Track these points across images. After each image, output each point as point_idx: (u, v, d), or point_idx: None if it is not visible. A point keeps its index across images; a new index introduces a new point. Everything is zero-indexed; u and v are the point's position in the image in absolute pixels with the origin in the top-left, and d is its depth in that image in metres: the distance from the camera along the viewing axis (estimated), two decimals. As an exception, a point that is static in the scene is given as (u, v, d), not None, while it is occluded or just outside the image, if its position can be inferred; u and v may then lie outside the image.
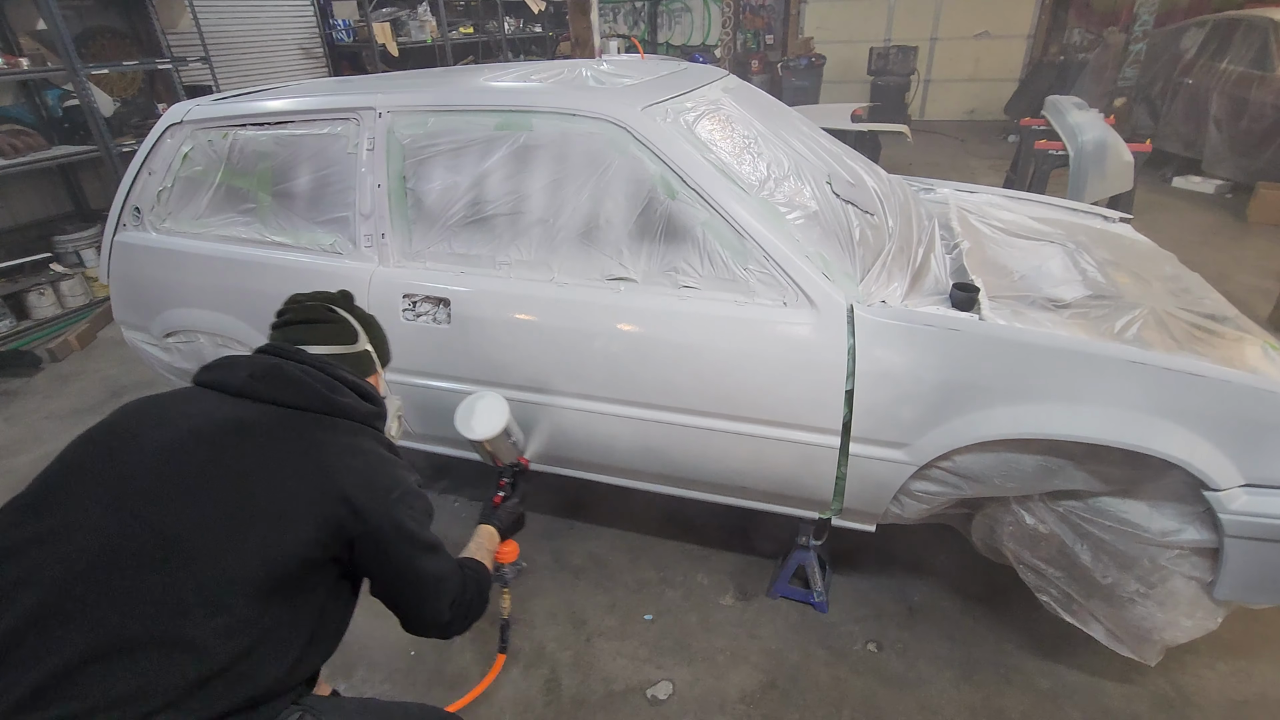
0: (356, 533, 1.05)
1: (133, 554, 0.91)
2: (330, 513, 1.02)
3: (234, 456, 1.01)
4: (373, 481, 1.08)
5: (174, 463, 0.99)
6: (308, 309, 1.28)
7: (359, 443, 1.12)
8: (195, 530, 0.95)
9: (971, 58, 10.03)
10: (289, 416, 1.08)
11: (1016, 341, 1.58)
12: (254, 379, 1.10)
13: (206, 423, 1.04)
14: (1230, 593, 1.60)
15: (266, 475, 1.01)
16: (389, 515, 1.08)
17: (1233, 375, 1.49)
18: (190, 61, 5.16)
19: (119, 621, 0.87)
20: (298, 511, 1.00)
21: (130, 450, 1.01)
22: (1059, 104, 4.96)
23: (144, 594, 0.89)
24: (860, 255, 1.83)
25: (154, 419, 1.06)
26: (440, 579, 1.17)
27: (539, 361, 1.92)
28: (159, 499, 0.96)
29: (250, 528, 0.97)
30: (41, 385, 3.72)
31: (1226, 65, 6.04)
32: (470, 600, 1.23)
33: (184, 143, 2.27)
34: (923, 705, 1.81)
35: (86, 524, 0.93)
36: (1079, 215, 2.65)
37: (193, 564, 0.92)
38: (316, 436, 1.08)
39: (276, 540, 0.98)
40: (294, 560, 0.98)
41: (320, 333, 1.25)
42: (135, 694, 0.85)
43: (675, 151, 1.78)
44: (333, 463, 1.06)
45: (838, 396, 1.68)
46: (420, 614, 1.17)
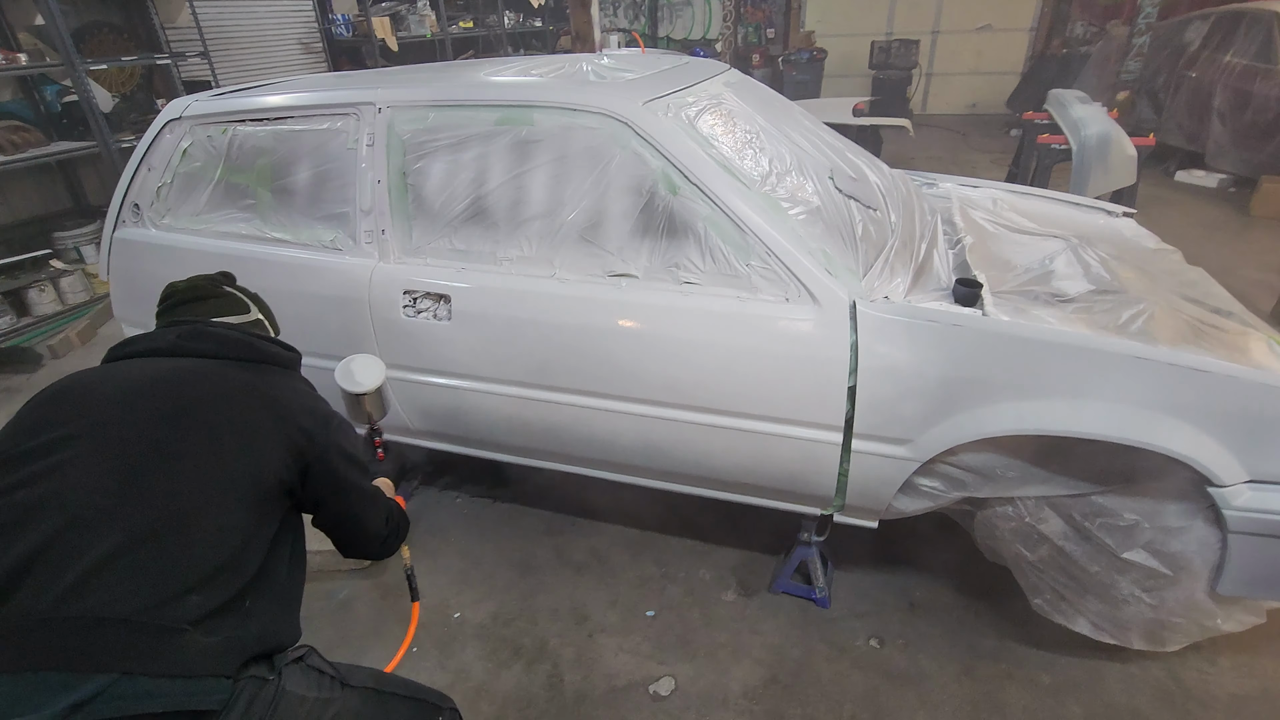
0: (311, 456, 1.16)
1: (138, 465, 0.99)
2: (290, 438, 1.13)
3: (194, 394, 1.10)
4: (314, 411, 1.21)
5: (143, 401, 1.07)
6: (195, 287, 1.32)
7: (292, 382, 1.26)
8: (185, 445, 1.03)
9: (973, 51, 9.98)
10: (226, 365, 1.18)
11: (1020, 337, 1.57)
12: (183, 339, 1.19)
13: (157, 372, 1.12)
14: (1234, 588, 1.60)
15: (228, 407, 1.10)
16: (333, 440, 1.20)
17: (1238, 370, 1.48)
18: (189, 57, 5.13)
19: (140, 518, 0.95)
20: (264, 435, 1.10)
21: (91, 401, 1.06)
22: (1062, 98, 4.93)
23: (156, 495, 0.97)
24: (863, 251, 1.82)
25: (102, 378, 1.12)
26: (376, 495, 1.32)
27: (540, 358, 1.92)
28: (139, 428, 1.03)
29: (232, 445, 1.06)
30: (42, 382, 3.71)
31: (1230, 58, 6.00)
32: (399, 521, 1.38)
33: (183, 138, 2.26)
34: (924, 700, 1.81)
35: (75, 457, 0.98)
36: (1082, 210, 2.64)
37: (193, 472, 1.01)
38: (255, 379, 1.18)
39: (255, 457, 1.08)
40: (272, 477, 1.08)
41: (213, 306, 1.31)
42: (164, 576, 0.92)
43: (677, 147, 1.77)
44: (281, 397, 1.17)
45: (840, 392, 1.68)
46: (362, 530, 1.29)
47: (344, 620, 2.14)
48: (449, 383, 2.07)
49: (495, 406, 2.04)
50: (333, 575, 2.28)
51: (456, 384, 2.06)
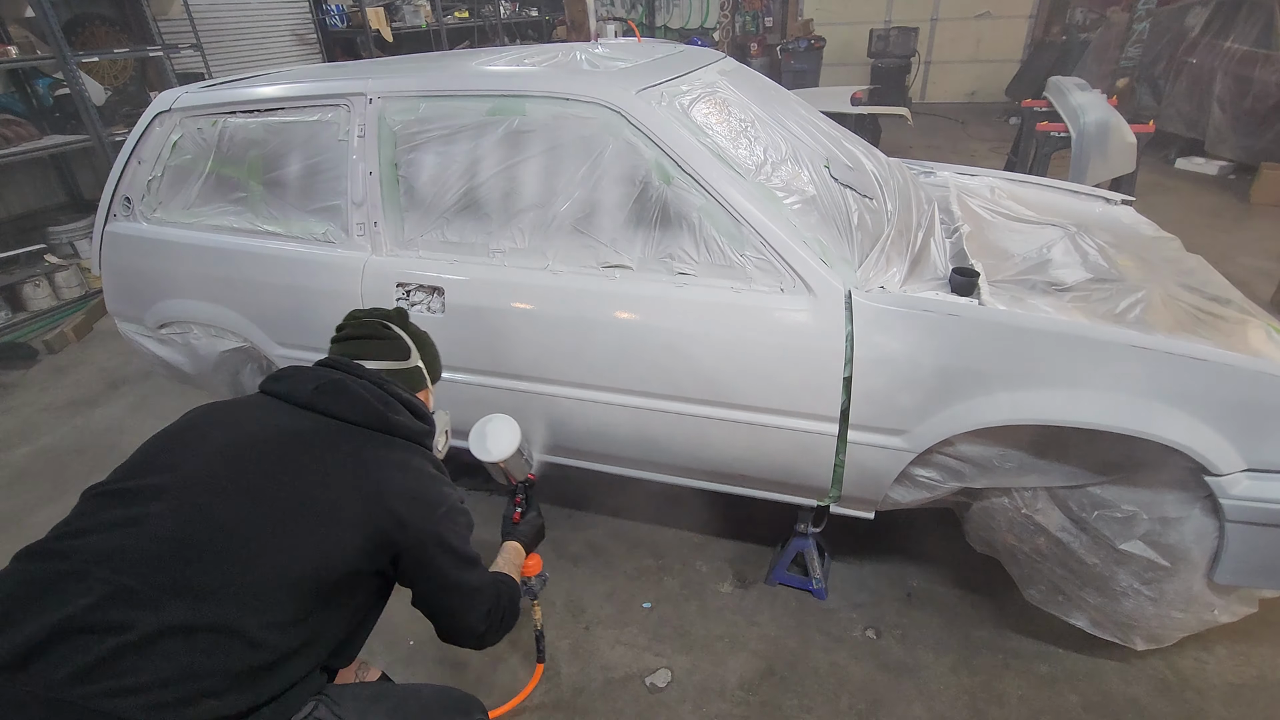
0: (402, 546, 1.11)
1: (197, 545, 0.97)
2: (379, 526, 1.08)
3: (294, 465, 1.08)
4: (420, 497, 1.14)
5: (238, 464, 1.06)
6: (365, 325, 1.35)
7: (409, 460, 1.18)
8: (255, 530, 1.01)
9: (973, 39, 9.91)
10: (347, 431, 1.15)
11: (1016, 326, 1.56)
12: (319, 392, 1.18)
13: (271, 431, 1.12)
14: (1231, 577, 1.59)
15: (322, 486, 1.07)
16: (434, 531, 1.14)
17: (1236, 359, 1.47)
18: (182, 49, 5.09)
19: (181, 608, 0.92)
20: (349, 522, 1.06)
21: (199, 450, 1.08)
22: (1061, 85, 4.90)
23: (205, 585, 0.94)
24: (858, 240, 1.80)
25: (222, 422, 1.14)
26: (477, 590, 1.22)
27: (534, 350, 1.91)
28: (223, 496, 1.02)
29: (305, 534, 1.03)
30: (38, 378, 3.71)
31: (1230, 44, 5.96)
32: (504, 611, 1.28)
33: (173, 131, 2.24)
34: (921, 690, 1.81)
35: (157, 514, 0.98)
36: (1080, 198, 2.62)
37: (251, 563, 0.98)
38: (371, 453, 1.14)
39: (328, 548, 1.04)
40: (342, 568, 1.05)
41: (375, 348, 1.31)
42: (185, 675, 0.90)
43: (670, 136, 1.75)
44: (384, 478, 1.12)
45: (836, 383, 1.67)
46: (457, 624, 1.22)
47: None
48: (446, 376, 2.05)
49: (490, 400, 2.03)
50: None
51: (451, 377, 2.04)
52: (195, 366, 2.46)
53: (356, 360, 1.28)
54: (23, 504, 2.71)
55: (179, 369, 2.50)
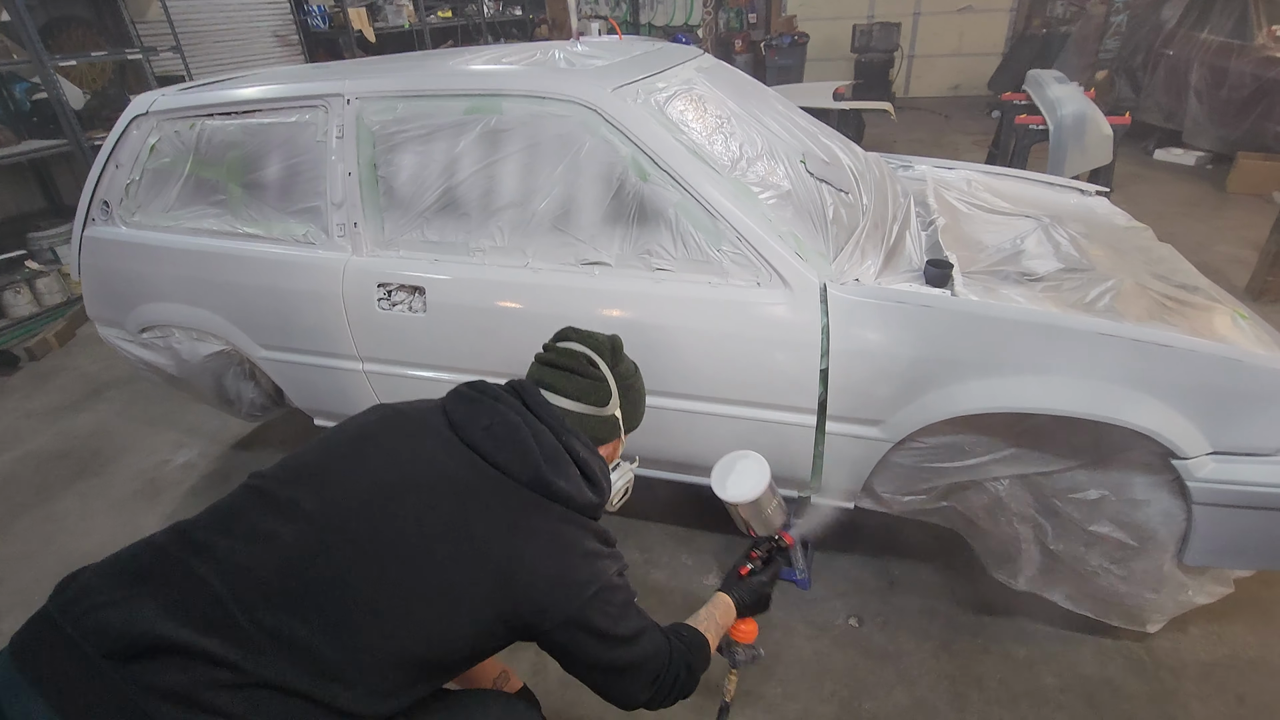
0: (540, 630, 1.02)
1: (315, 593, 0.93)
2: (515, 609, 1.00)
3: (439, 525, 1.00)
4: (566, 579, 1.03)
5: (384, 509, 1.00)
6: (571, 356, 1.24)
7: (563, 533, 1.06)
8: (377, 596, 0.95)
9: (955, 32, 9.97)
10: (504, 488, 1.05)
11: (988, 316, 1.58)
12: (488, 434, 1.09)
13: (429, 474, 1.05)
14: (1200, 558, 1.63)
15: (459, 552, 0.99)
16: (578, 615, 1.02)
17: (1200, 345, 1.50)
18: (161, 51, 5.05)
19: (279, 662, 0.89)
20: (480, 601, 0.98)
21: (355, 476, 1.03)
22: (1039, 78, 4.95)
23: (310, 643, 0.90)
24: (834, 234, 1.83)
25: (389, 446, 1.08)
26: (635, 666, 1.09)
27: (515, 348, 1.90)
28: (356, 545, 0.97)
29: (431, 612, 0.96)
30: (20, 384, 3.68)
31: (1206, 35, 6.03)
32: (675, 678, 1.15)
33: (150, 134, 2.23)
34: (903, 676, 1.84)
35: (289, 540, 0.95)
36: (1055, 189, 2.66)
37: (364, 631, 0.93)
38: (522, 521, 1.04)
39: (454, 631, 0.98)
40: (466, 650, 1.00)
41: (574, 386, 1.21)
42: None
43: (646, 133, 1.76)
44: (529, 557, 1.01)
45: (813, 375, 1.69)
46: (611, 696, 1.13)
47: None
48: (426, 375, 2.07)
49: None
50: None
51: (434, 376, 2.06)
52: (179, 370, 2.46)
53: (548, 390, 1.20)
54: (6, 510, 2.70)
55: (164, 371, 2.50)
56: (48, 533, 2.57)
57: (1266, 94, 5.39)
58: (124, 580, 0.93)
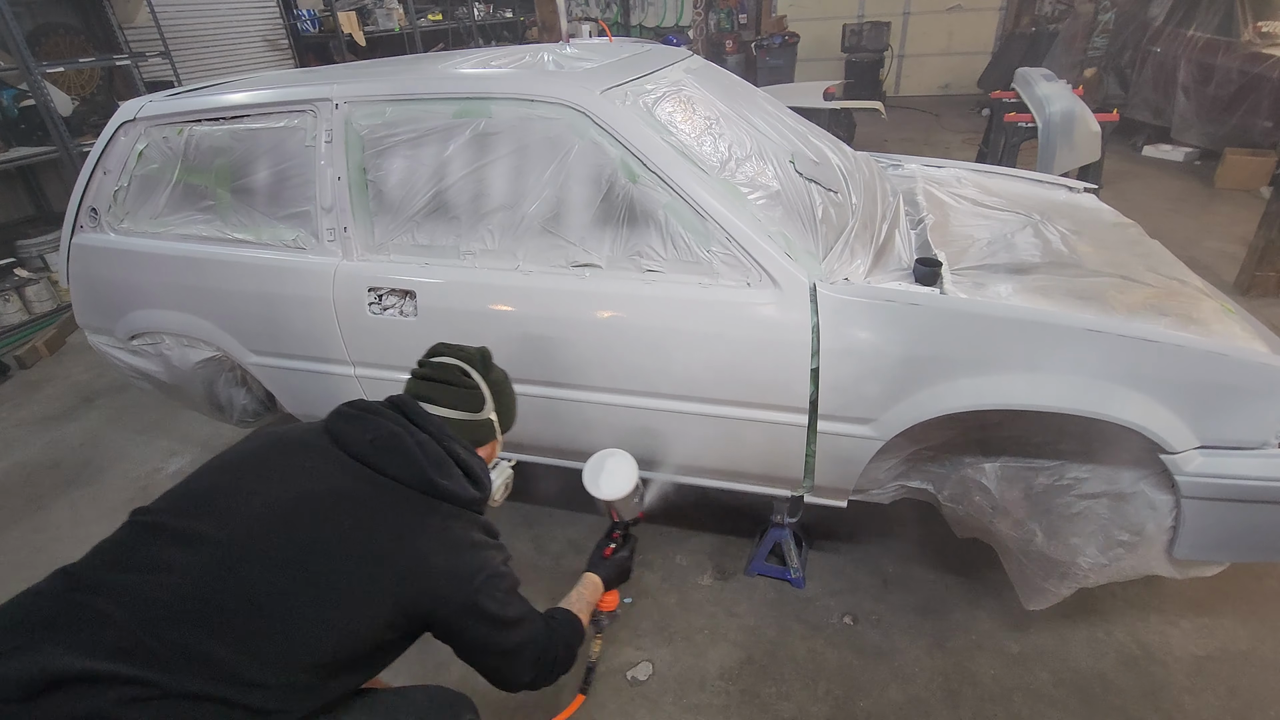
0: (435, 618, 1.11)
1: (223, 613, 0.97)
2: (411, 599, 1.08)
3: (333, 533, 1.07)
4: (458, 570, 1.12)
5: (281, 528, 1.05)
6: (443, 368, 1.33)
7: (452, 528, 1.16)
8: (284, 607, 1.00)
9: (945, 31, 10.01)
10: (394, 492, 1.13)
11: (976, 314, 1.59)
12: (373, 447, 1.16)
13: (321, 490, 1.11)
14: (1190, 552, 1.64)
15: (359, 557, 1.06)
16: (470, 601, 1.12)
17: (1187, 340, 1.51)
18: (149, 57, 5.04)
19: (193, 676, 0.92)
20: (381, 598, 1.06)
21: (249, 501, 1.08)
22: (1028, 76, 4.98)
23: (222, 658, 0.94)
24: (823, 233, 1.83)
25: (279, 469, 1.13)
26: (520, 648, 1.20)
27: (507, 351, 1.89)
28: (258, 564, 1.01)
29: (335, 614, 1.02)
30: (10, 393, 3.66)
31: (1193, 32, 6.07)
32: (555, 658, 1.27)
33: (138, 140, 2.22)
34: (897, 674, 1.84)
35: (190, 568, 0.99)
36: (1044, 186, 2.68)
37: (274, 640, 0.98)
38: (414, 521, 1.12)
39: (357, 626, 1.04)
40: (367, 642, 1.06)
41: (450, 396, 1.30)
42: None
43: (635, 135, 1.76)
44: (423, 553, 1.10)
45: (804, 375, 1.69)
46: (502, 678, 1.23)
47: None
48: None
49: (465, 401, 2.04)
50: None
51: (425, 380, 2.05)
52: (170, 376, 2.45)
53: (426, 401, 1.26)
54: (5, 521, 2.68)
55: (155, 378, 2.49)
56: (39, 543, 2.55)
57: (1253, 89, 5.43)
58: (18, 631, 0.92)
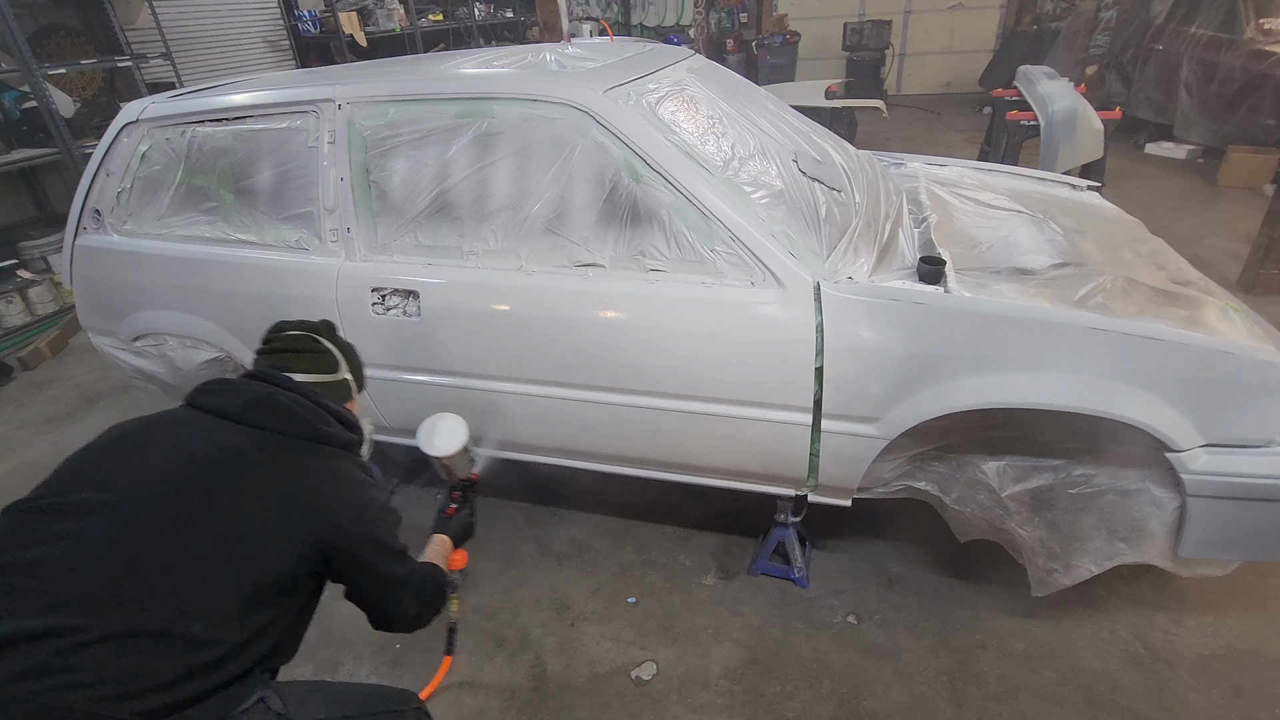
0: (337, 549, 1.16)
1: (139, 560, 1.01)
2: (315, 533, 1.14)
3: (230, 480, 1.12)
4: (351, 504, 1.20)
5: (178, 481, 1.09)
6: (294, 339, 1.37)
7: (340, 467, 1.24)
8: (196, 545, 1.04)
9: (946, 30, 9.99)
10: (279, 442, 1.19)
11: (980, 313, 1.59)
12: (250, 407, 1.20)
13: (204, 447, 1.14)
14: (1195, 550, 1.64)
15: (258, 498, 1.12)
16: (365, 532, 1.20)
17: (1191, 338, 1.51)
18: (151, 58, 5.04)
19: (123, 616, 0.97)
20: (286, 531, 1.11)
21: (137, 466, 1.10)
22: (1030, 74, 4.97)
23: (148, 596, 0.99)
24: (827, 232, 1.83)
25: (156, 440, 1.15)
26: (407, 579, 1.28)
27: (510, 351, 1.92)
28: (164, 513, 1.05)
29: (245, 546, 1.08)
30: (13, 395, 3.67)
31: (1196, 29, 6.06)
32: (432, 597, 1.34)
33: (141, 142, 2.22)
34: (901, 673, 1.84)
35: (96, 529, 1.02)
36: (1048, 185, 2.67)
37: (192, 577, 1.03)
38: (303, 462, 1.19)
39: (267, 557, 1.09)
40: (281, 574, 1.10)
41: (305, 361, 1.34)
42: (131, 672, 0.95)
43: (638, 134, 1.76)
44: (318, 487, 1.17)
45: (807, 374, 1.69)
46: (390, 612, 1.28)
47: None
48: (422, 379, 2.06)
49: (469, 401, 2.04)
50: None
51: (429, 380, 2.06)
52: (173, 377, 2.45)
53: (285, 373, 1.30)
54: None
55: (158, 379, 2.49)
56: (43, 543, 2.55)
57: (1256, 87, 5.41)
58: None
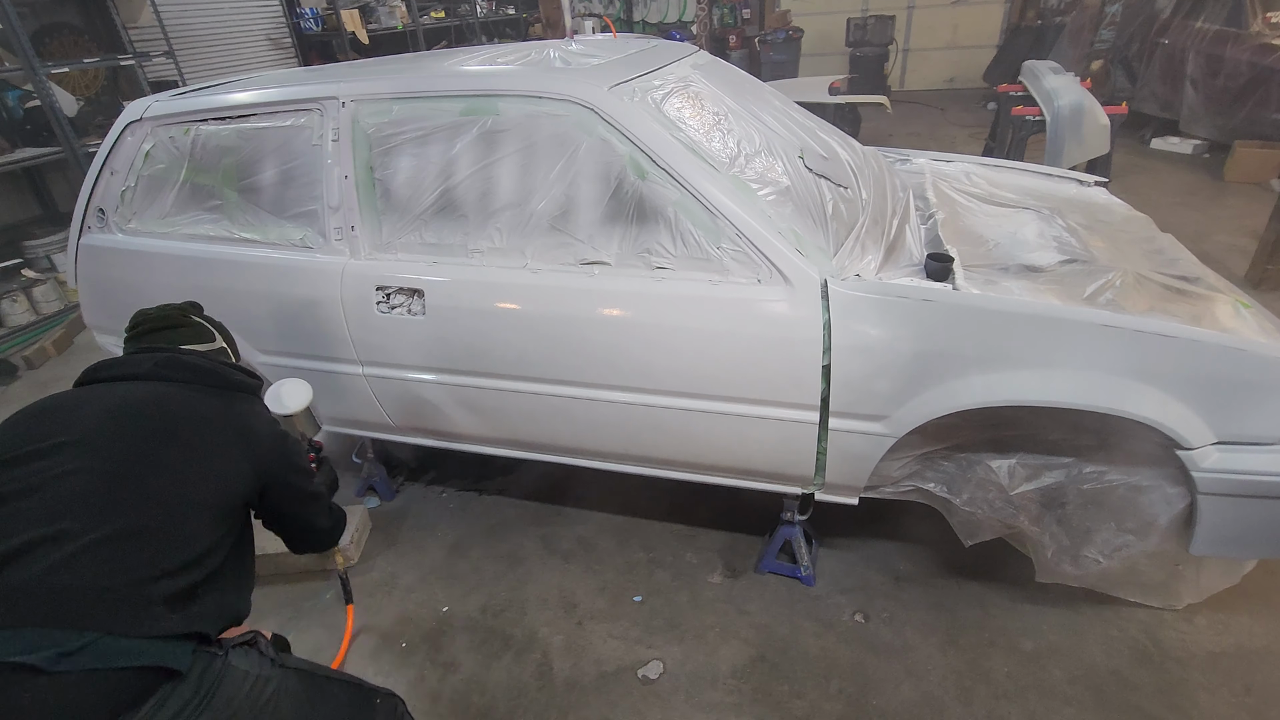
0: (271, 476, 1.32)
1: (126, 473, 1.11)
2: (257, 460, 1.28)
3: (176, 417, 1.23)
4: (274, 435, 1.37)
5: (131, 419, 1.19)
6: (165, 317, 1.44)
7: (255, 408, 1.41)
8: (168, 461, 1.16)
9: (949, 25, 9.95)
10: (200, 390, 1.31)
11: (989, 310, 1.58)
12: (160, 366, 1.30)
13: (143, 394, 1.25)
14: (1206, 548, 1.63)
15: (206, 432, 1.24)
16: (289, 459, 1.37)
17: (1202, 335, 1.50)
18: (154, 56, 5.04)
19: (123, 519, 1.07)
20: (234, 460, 1.25)
21: (83, 416, 1.18)
22: (1035, 69, 4.94)
23: (140, 501, 1.10)
24: (834, 229, 1.82)
25: (87, 399, 1.23)
26: (319, 495, 1.49)
27: (516, 349, 1.91)
28: (131, 436, 1.16)
29: (206, 468, 1.20)
30: (18, 394, 3.67)
31: (1202, 24, 6.02)
32: (338, 513, 1.57)
33: (144, 140, 2.22)
34: (910, 671, 1.83)
35: (69, 462, 1.10)
36: (1053, 180, 2.65)
37: (172, 486, 1.14)
38: (228, 405, 1.32)
39: (224, 479, 1.22)
40: (236, 496, 1.23)
41: (182, 334, 1.43)
42: (141, 564, 1.06)
43: (644, 131, 1.75)
44: (248, 424, 1.32)
45: (815, 372, 1.68)
46: (313, 527, 1.47)
47: (328, 618, 2.14)
48: (427, 378, 2.06)
49: (475, 400, 2.04)
50: (320, 576, 2.28)
51: (434, 379, 2.05)
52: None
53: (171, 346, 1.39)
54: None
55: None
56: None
57: (1263, 81, 5.37)
58: None
